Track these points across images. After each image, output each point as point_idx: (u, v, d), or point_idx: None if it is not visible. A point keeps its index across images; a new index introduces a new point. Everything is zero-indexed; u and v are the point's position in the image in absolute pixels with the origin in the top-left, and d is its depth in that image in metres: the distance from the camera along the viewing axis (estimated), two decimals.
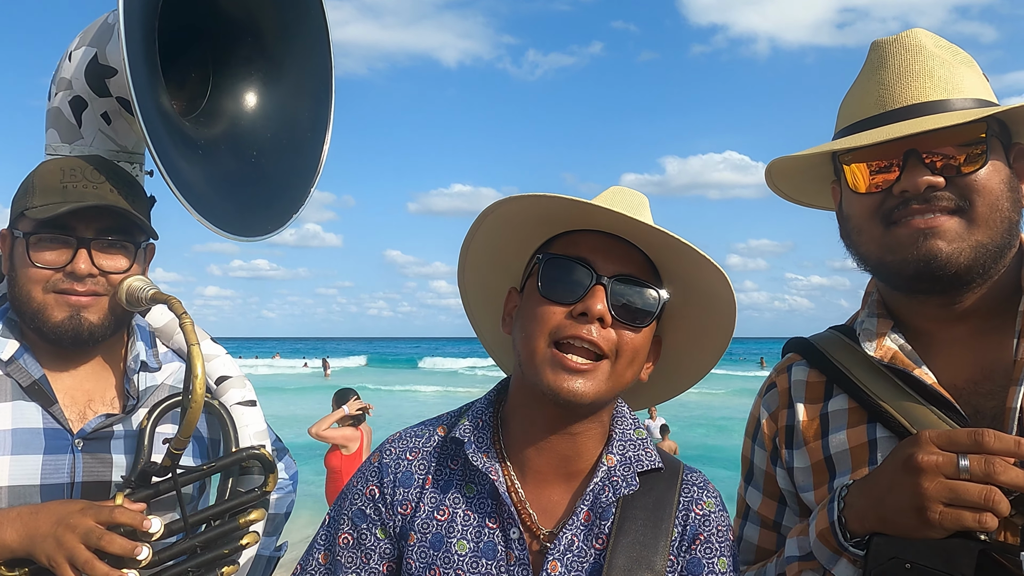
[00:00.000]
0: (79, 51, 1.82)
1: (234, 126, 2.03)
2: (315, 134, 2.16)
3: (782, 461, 1.44)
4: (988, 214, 1.23)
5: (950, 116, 1.22)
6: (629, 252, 1.28)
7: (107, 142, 1.87)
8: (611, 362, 1.24)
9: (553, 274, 1.25)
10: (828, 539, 1.20)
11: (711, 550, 1.28)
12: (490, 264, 1.41)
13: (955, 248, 1.22)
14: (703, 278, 1.29)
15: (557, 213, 1.27)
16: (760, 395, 1.52)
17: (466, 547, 1.27)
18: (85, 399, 1.65)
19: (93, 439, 1.61)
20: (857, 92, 1.35)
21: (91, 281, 1.58)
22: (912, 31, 1.33)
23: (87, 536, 1.37)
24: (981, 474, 1.06)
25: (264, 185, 2.01)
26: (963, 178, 1.22)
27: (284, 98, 2.11)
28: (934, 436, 1.11)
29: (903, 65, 1.29)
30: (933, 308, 1.31)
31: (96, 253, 1.58)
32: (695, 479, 1.34)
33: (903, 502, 1.10)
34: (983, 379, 1.26)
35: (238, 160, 1.97)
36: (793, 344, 1.50)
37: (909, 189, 1.23)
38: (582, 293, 1.23)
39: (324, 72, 2.17)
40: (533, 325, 1.25)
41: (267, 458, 1.65)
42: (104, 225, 1.59)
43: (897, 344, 1.33)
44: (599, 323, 1.22)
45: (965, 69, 1.30)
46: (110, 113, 1.85)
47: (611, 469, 1.30)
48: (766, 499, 1.48)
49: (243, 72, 2.07)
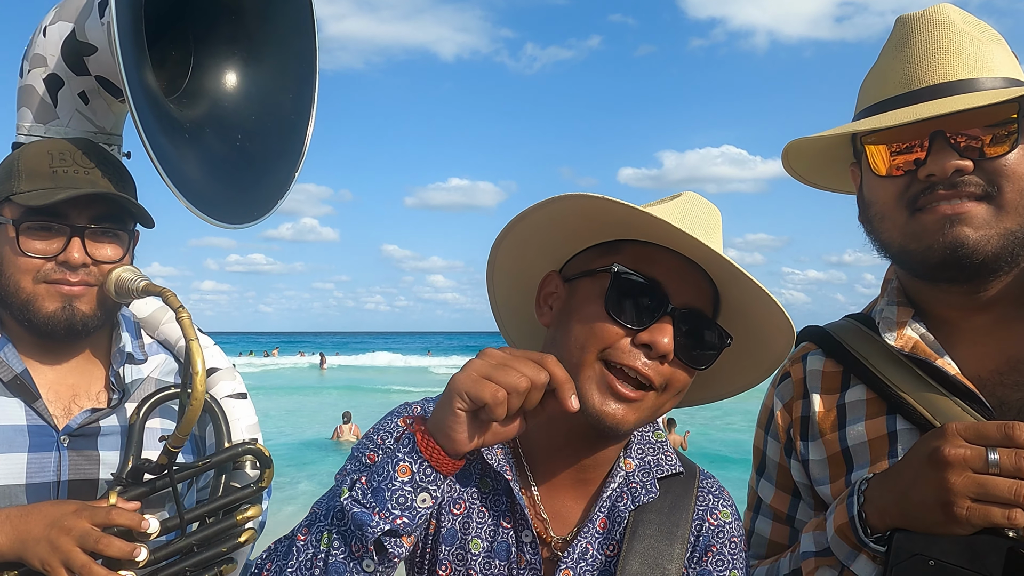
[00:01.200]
0: (55, 26, 1.72)
1: (217, 108, 1.95)
2: (299, 117, 2.10)
3: (796, 453, 1.40)
4: (1017, 200, 1.18)
5: (980, 96, 1.16)
6: (700, 281, 1.20)
7: (84, 123, 1.78)
8: (657, 394, 1.18)
9: (622, 291, 1.16)
10: (847, 534, 1.16)
11: (723, 562, 1.23)
12: (533, 243, 1.30)
13: (982, 235, 1.17)
14: (764, 324, 1.21)
15: (628, 222, 1.17)
16: (773, 385, 1.47)
17: (480, 546, 1.23)
18: (70, 394, 1.58)
19: (79, 435, 1.55)
20: (881, 70, 1.29)
21: (84, 271, 1.51)
22: (940, 6, 1.27)
23: (83, 539, 1.31)
24: (1012, 468, 1.01)
25: (250, 170, 1.94)
26: (991, 162, 1.17)
27: (268, 80, 2.04)
28: (961, 429, 1.06)
29: (930, 42, 1.22)
30: (957, 296, 1.26)
31: (89, 242, 1.52)
32: (711, 486, 1.30)
33: (928, 497, 1.05)
34: (1009, 370, 1.22)
35: (224, 143, 1.89)
36: (808, 332, 1.45)
37: (936, 173, 1.17)
38: (650, 322, 1.14)
39: (308, 53, 2.10)
40: (587, 336, 1.16)
41: (263, 453, 1.60)
42: (98, 213, 1.53)
43: (918, 333, 1.29)
44: (659, 359, 1.14)
45: (994, 46, 1.24)
46: (88, 92, 1.76)
47: (629, 474, 1.26)
48: (779, 492, 1.45)
49: (226, 51, 1.99)
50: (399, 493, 1.01)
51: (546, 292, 1.29)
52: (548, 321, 1.27)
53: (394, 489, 1.01)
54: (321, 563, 1.04)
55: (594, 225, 1.23)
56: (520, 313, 1.40)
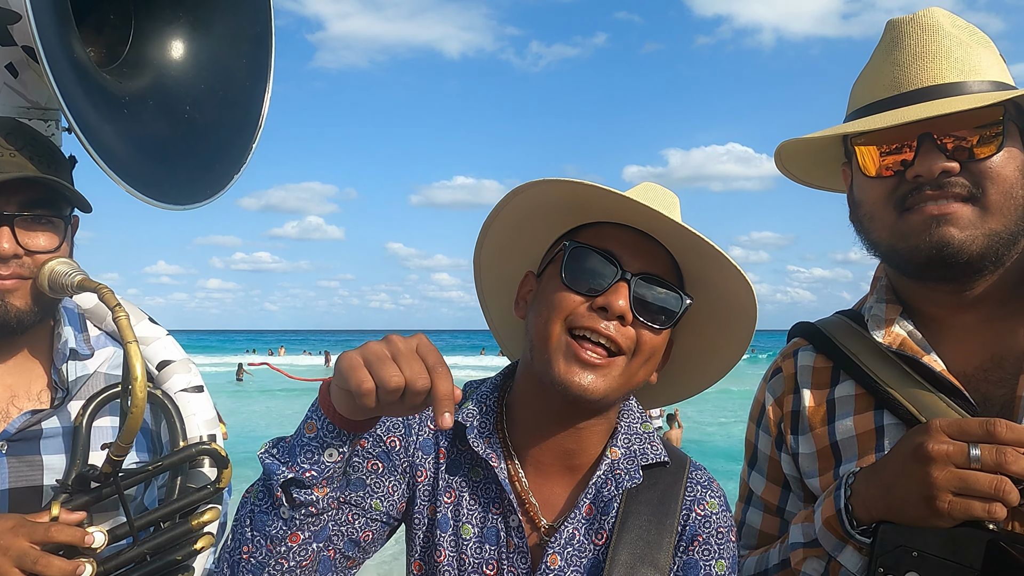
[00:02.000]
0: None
1: (162, 77, 1.81)
2: (254, 84, 1.96)
3: (787, 446, 1.43)
4: (1002, 202, 1.21)
5: (967, 99, 1.19)
6: (656, 251, 1.26)
7: (15, 97, 1.65)
8: (627, 359, 1.22)
9: (577, 263, 1.23)
10: (834, 526, 1.19)
11: (709, 552, 1.25)
12: (510, 245, 1.37)
13: (968, 235, 1.20)
14: (728, 287, 1.27)
15: (587, 202, 1.24)
16: (765, 380, 1.50)
17: (471, 531, 1.27)
18: (7, 395, 1.47)
19: (19, 440, 1.44)
20: (871, 72, 1.32)
21: (16, 263, 1.40)
22: (929, 10, 1.29)
23: (21, 560, 1.22)
24: (992, 464, 1.05)
25: (200, 144, 1.81)
26: (977, 163, 1.20)
27: (218, 45, 1.89)
28: (945, 425, 1.10)
29: (919, 45, 1.25)
30: (944, 295, 1.29)
31: (20, 231, 1.40)
32: (700, 476, 1.32)
33: (912, 490, 1.09)
34: (993, 367, 1.25)
35: (169, 116, 1.75)
36: (799, 329, 1.47)
37: (923, 174, 1.20)
38: (605, 286, 1.20)
39: (262, 15, 1.95)
40: (549, 310, 1.22)
41: (219, 452, 1.49)
42: (28, 198, 1.41)
43: (906, 330, 1.32)
44: (619, 320, 1.19)
45: (982, 50, 1.27)
46: (16, 64, 1.62)
47: (615, 462, 1.28)
48: (769, 484, 1.47)
49: (170, 15, 1.84)
50: (307, 448, 1.07)
51: (524, 290, 1.35)
52: (523, 313, 1.33)
53: (302, 444, 1.07)
54: (250, 514, 1.11)
55: (567, 215, 1.28)
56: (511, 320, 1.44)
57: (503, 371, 1.39)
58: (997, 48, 1.32)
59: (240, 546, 1.11)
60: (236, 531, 1.13)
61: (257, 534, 1.09)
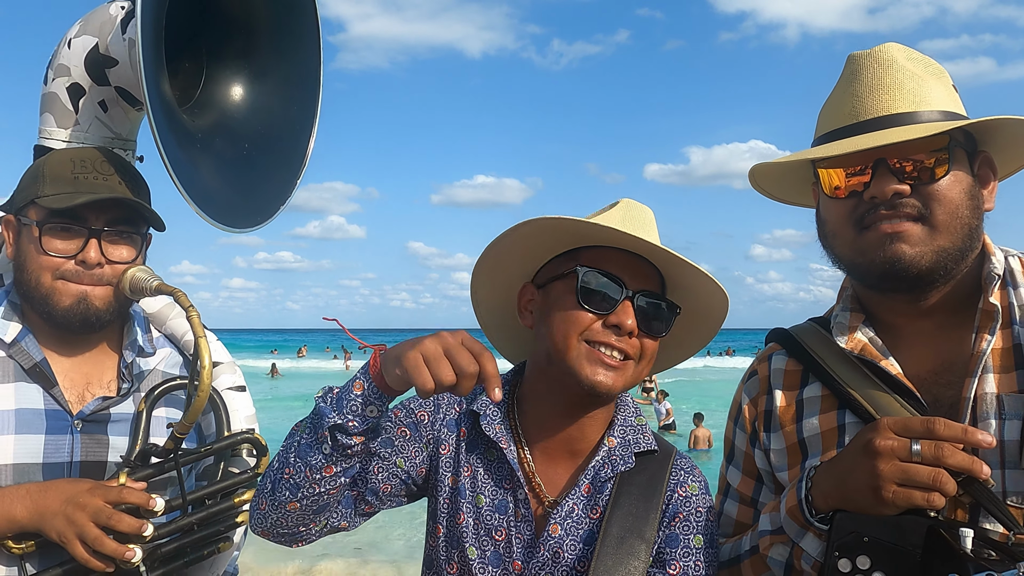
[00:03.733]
0: (79, 39, 1.85)
1: (226, 118, 2.09)
2: (303, 128, 2.23)
3: (760, 443, 1.54)
4: (948, 221, 1.32)
5: (916, 128, 1.31)
6: (647, 268, 1.47)
7: (102, 129, 1.91)
8: (635, 363, 1.44)
9: (590, 285, 1.42)
10: (796, 515, 1.31)
11: (688, 527, 1.44)
12: (506, 263, 1.55)
13: (918, 252, 1.31)
14: (704, 292, 1.49)
15: (592, 232, 1.44)
16: (743, 382, 1.63)
17: (483, 501, 1.46)
18: (84, 382, 1.70)
19: (91, 421, 1.67)
20: (833, 102, 1.44)
21: (99, 270, 1.64)
22: (885, 46, 1.42)
23: (97, 515, 1.44)
24: (931, 457, 1.16)
25: (255, 177, 2.08)
26: (926, 186, 1.32)
27: (274, 94, 2.17)
28: (891, 423, 1.21)
29: (874, 78, 1.37)
30: (901, 304, 1.40)
31: (105, 243, 1.64)
32: (684, 464, 1.51)
33: (861, 482, 1.20)
34: (943, 371, 1.36)
35: (232, 151, 2.02)
36: (775, 335, 1.60)
37: (878, 195, 1.32)
38: (614, 306, 1.41)
39: (313, 69, 2.23)
40: (568, 326, 1.42)
41: (260, 441, 1.73)
42: (113, 216, 1.65)
43: (867, 337, 1.43)
44: (627, 334, 1.41)
45: (935, 82, 1.39)
46: (107, 101, 1.89)
47: (611, 450, 1.48)
48: (745, 477, 1.60)
49: (236, 66, 2.12)
50: (352, 402, 1.26)
51: (524, 300, 1.55)
52: (531, 323, 1.53)
53: (349, 399, 1.26)
54: (296, 444, 1.31)
55: (553, 240, 1.49)
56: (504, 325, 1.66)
57: (513, 369, 1.60)
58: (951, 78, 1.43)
59: (283, 467, 1.30)
60: (282, 455, 1.32)
61: (299, 461, 1.28)
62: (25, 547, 1.50)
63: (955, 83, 1.46)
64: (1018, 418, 1.26)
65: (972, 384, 1.31)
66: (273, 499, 1.31)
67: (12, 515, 1.46)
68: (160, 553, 1.57)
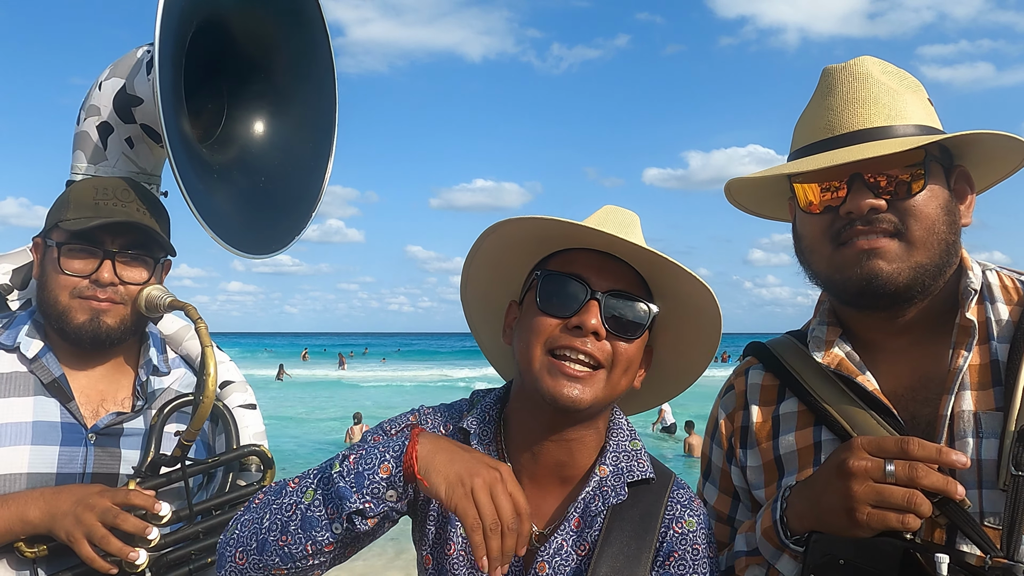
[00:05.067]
0: (109, 81, 2.01)
1: (245, 153, 2.22)
2: (317, 164, 2.36)
3: (737, 460, 1.51)
4: (924, 237, 1.30)
5: (891, 144, 1.28)
6: (621, 269, 1.36)
7: (129, 164, 2.05)
8: (607, 371, 1.32)
9: (550, 289, 1.34)
10: (772, 536, 1.28)
11: (684, 567, 1.32)
12: (491, 279, 1.49)
13: (895, 268, 1.29)
14: (689, 292, 1.37)
15: (554, 232, 1.36)
16: (720, 396, 1.59)
17: None
18: (99, 398, 1.80)
19: (105, 434, 1.76)
20: (808, 116, 1.42)
21: (112, 289, 1.74)
22: (861, 59, 1.40)
23: (104, 515, 1.51)
24: (905, 478, 1.14)
25: (270, 208, 2.19)
26: (902, 201, 1.30)
27: (291, 131, 2.30)
28: (865, 443, 1.18)
29: (850, 92, 1.35)
30: (878, 320, 1.38)
31: (119, 265, 1.75)
32: (681, 496, 1.39)
33: (835, 503, 1.17)
34: (920, 387, 1.33)
35: (249, 184, 2.15)
36: (752, 348, 1.57)
37: (853, 211, 1.30)
38: (577, 307, 1.31)
39: (329, 109, 2.37)
40: (530, 335, 1.33)
41: (266, 455, 1.79)
42: (128, 240, 1.76)
43: (844, 352, 1.40)
44: (594, 336, 1.30)
45: (910, 96, 1.37)
46: (133, 138, 2.04)
47: (603, 479, 1.36)
48: (721, 495, 1.56)
49: (255, 105, 2.26)
50: (375, 485, 1.18)
51: (509, 319, 1.46)
52: (510, 340, 1.44)
53: (373, 480, 1.18)
54: (301, 511, 1.21)
55: (539, 246, 1.40)
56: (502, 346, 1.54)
57: (505, 386, 1.49)
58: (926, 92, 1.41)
59: (280, 533, 1.20)
60: (276, 516, 1.21)
61: (301, 532, 1.19)
62: (38, 551, 1.57)
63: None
64: (995, 436, 1.23)
65: (949, 401, 1.28)
66: (260, 560, 1.22)
67: (26, 516, 1.54)
68: (166, 561, 1.63)
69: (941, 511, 1.19)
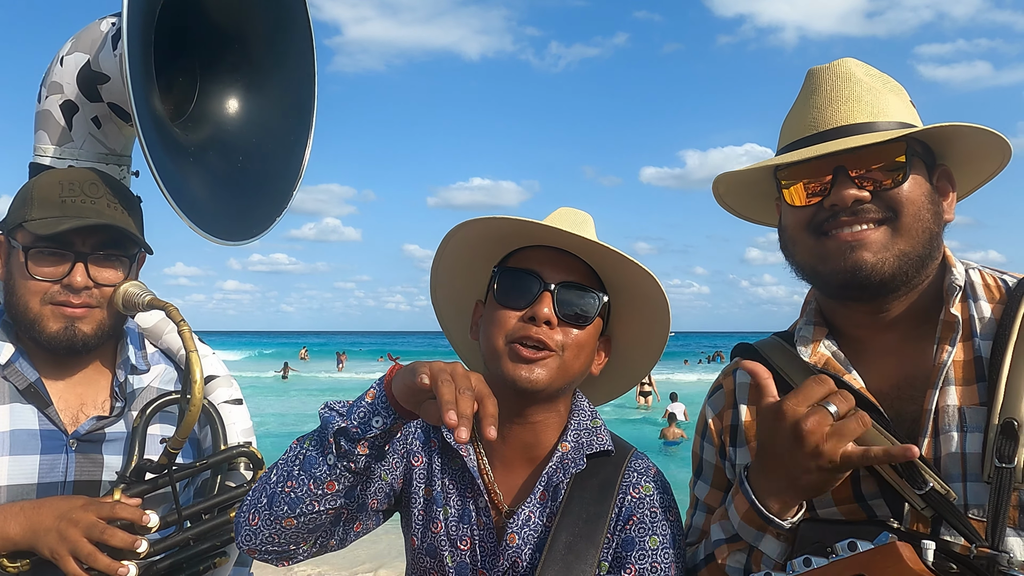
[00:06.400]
0: (71, 56, 1.86)
1: (220, 131, 2.09)
2: (297, 140, 2.23)
3: (728, 456, 1.54)
4: (911, 223, 1.33)
5: (874, 135, 1.33)
6: (574, 263, 1.46)
7: (96, 145, 1.92)
8: (558, 356, 1.41)
9: (507, 284, 1.44)
10: (753, 518, 1.31)
11: (643, 529, 1.41)
12: (457, 281, 1.57)
13: (880, 258, 1.32)
14: (638, 282, 1.47)
15: (512, 232, 1.45)
16: (708, 396, 1.62)
17: (449, 512, 1.47)
18: (78, 402, 1.69)
19: (86, 440, 1.66)
20: (794, 115, 1.46)
21: (86, 293, 1.62)
22: (843, 60, 1.45)
23: (90, 530, 1.43)
24: (847, 408, 1.23)
25: (248, 191, 2.07)
26: (887, 192, 1.33)
27: (268, 105, 2.17)
28: (794, 401, 1.24)
29: (833, 91, 1.40)
30: (863, 316, 1.41)
31: (92, 267, 1.63)
32: (639, 465, 1.49)
33: (809, 465, 1.23)
34: (905, 384, 1.37)
35: (226, 164, 2.02)
36: (739, 349, 1.59)
37: (838, 203, 1.33)
38: (532, 299, 1.41)
39: (307, 81, 2.24)
40: (493, 328, 1.43)
41: (255, 455, 1.71)
42: (100, 240, 1.64)
43: (830, 351, 1.44)
44: (547, 325, 1.40)
45: (891, 96, 1.41)
46: (100, 117, 1.90)
47: (564, 454, 1.46)
48: (713, 490, 1.58)
49: (229, 79, 2.13)
50: (361, 409, 1.26)
51: (476, 317, 1.56)
52: (476, 336, 1.54)
53: (359, 406, 1.27)
54: (300, 456, 1.31)
55: (499, 246, 1.49)
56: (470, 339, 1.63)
57: None
58: (908, 95, 1.45)
59: (285, 480, 1.28)
60: (282, 468, 1.31)
61: (303, 473, 1.27)
62: (20, 566, 1.48)
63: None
64: (979, 430, 1.27)
65: (934, 396, 1.31)
66: (270, 514, 1.29)
67: (5, 532, 1.45)
68: (156, 569, 1.55)
69: (927, 503, 1.24)
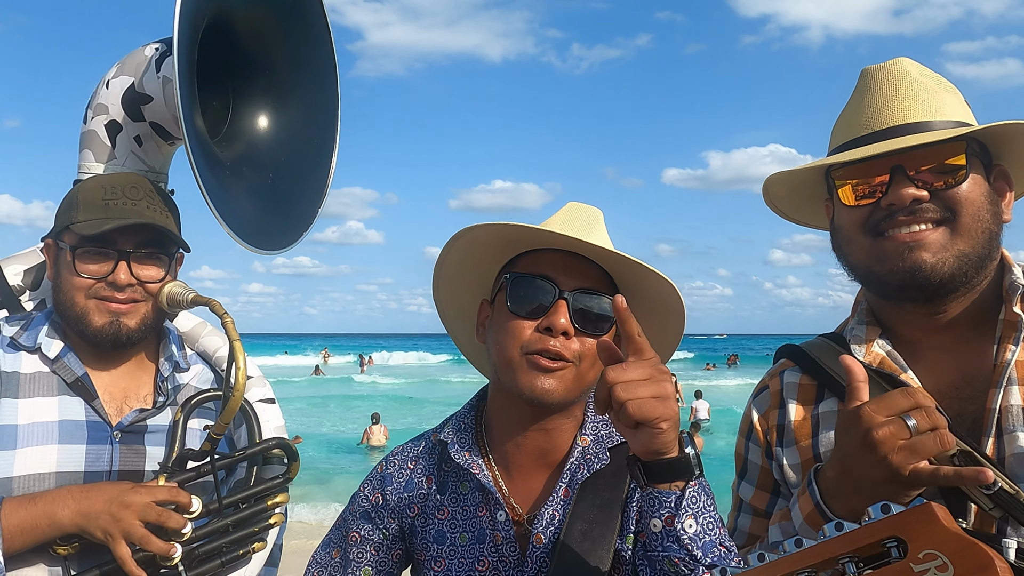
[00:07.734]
0: (117, 80, 2.00)
1: (251, 149, 2.22)
2: (323, 157, 2.37)
3: (775, 456, 1.51)
4: (970, 224, 1.31)
5: (931, 134, 1.30)
6: (587, 267, 1.40)
7: (137, 162, 2.05)
8: (575, 367, 1.36)
9: (520, 291, 1.38)
10: (816, 520, 1.25)
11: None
12: (461, 280, 1.55)
13: (939, 259, 1.29)
14: (653, 287, 1.42)
15: (521, 235, 1.40)
16: (752, 397, 1.59)
17: (466, 538, 1.44)
18: (122, 395, 1.80)
19: (129, 432, 1.76)
20: (848, 114, 1.44)
21: (130, 290, 1.74)
22: (899, 60, 1.43)
23: (144, 512, 1.52)
24: (927, 425, 1.14)
25: (280, 204, 2.20)
26: (946, 191, 1.31)
27: (295, 125, 2.31)
28: (873, 408, 1.16)
29: (889, 89, 1.38)
30: (919, 317, 1.38)
31: (134, 264, 1.74)
32: None
33: (877, 476, 1.15)
34: (964, 384, 1.33)
35: (259, 179, 2.15)
36: (786, 351, 1.56)
37: (895, 202, 1.31)
38: (547, 308, 1.36)
39: (331, 102, 2.38)
40: (505, 338, 1.38)
41: (291, 447, 1.81)
42: (141, 239, 1.75)
43: (885, 350, 1.40)
44: (563, 336, 1.34)
45: (947, 95, 1.39)
46: (142, 136, 2.03)
47: (585, 449, 1.43)
48: (759, 491, 1.56)
49: (259, 101, 2.27)
50: None
51: (482, 318, 1.51)
52: (483, 339, 1.49)
53: None
54: None
55: (507, 248, 1.46)
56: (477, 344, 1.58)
57: (479, 392, 1.56)
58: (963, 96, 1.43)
59: None
60: None
61: None
62: (70, 548, 1.57)
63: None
64: None
65: (997, 395, 1.27)
66: None
67: (55, 517, 1.53)
68: (197, 553, 1.64)
69: (995, 503, 1.20)
